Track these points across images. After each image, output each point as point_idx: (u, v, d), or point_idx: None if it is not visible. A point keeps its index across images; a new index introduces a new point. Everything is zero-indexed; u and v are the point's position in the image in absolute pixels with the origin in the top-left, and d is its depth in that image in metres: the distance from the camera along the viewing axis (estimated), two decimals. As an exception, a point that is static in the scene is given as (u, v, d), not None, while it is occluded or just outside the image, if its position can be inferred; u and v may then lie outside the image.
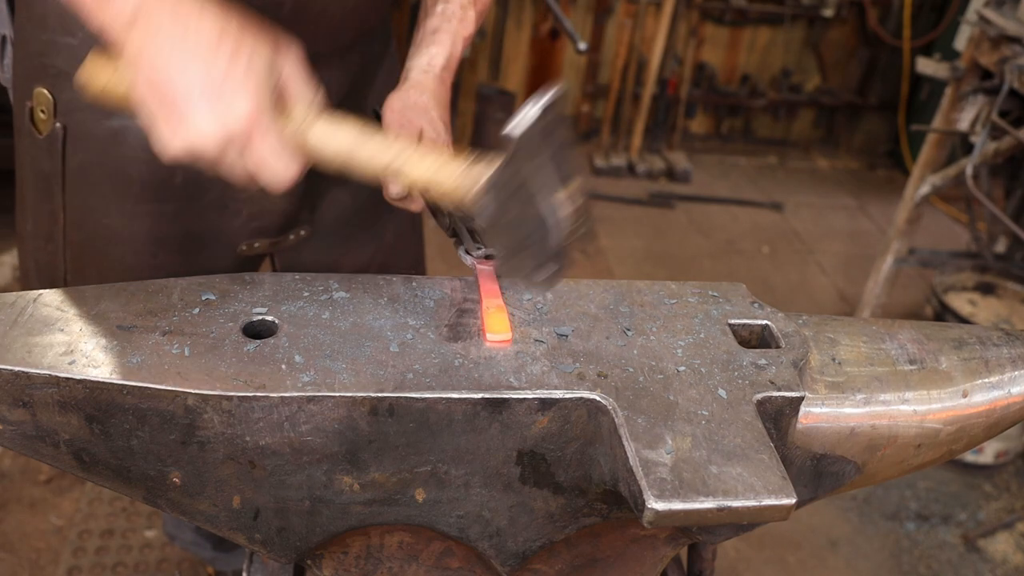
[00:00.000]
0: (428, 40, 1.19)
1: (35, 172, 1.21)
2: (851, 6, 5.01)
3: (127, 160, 1.16)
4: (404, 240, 1.49)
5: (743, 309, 0.98)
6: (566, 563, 0.98)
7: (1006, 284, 3.22)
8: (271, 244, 1.30)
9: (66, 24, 1.09)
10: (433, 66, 1.16)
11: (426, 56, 1.17)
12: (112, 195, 1.18)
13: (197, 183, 1.19)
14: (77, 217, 1.20)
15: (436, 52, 1.17)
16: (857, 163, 5.34)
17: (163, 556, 2.23)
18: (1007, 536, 2.68)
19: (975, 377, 0.97)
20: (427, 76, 1.15)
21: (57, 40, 1.11)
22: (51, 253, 1.24)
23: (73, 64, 1.07)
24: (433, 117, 1.11)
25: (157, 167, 1.15)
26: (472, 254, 0.98)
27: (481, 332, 0.88)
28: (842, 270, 4.08)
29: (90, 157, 1.16)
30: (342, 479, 0.82)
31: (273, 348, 0.82)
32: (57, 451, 0.80)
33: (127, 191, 1.18)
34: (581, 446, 0.83)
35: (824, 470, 0.93)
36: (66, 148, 1.16)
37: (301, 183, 1.25)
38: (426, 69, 1.16)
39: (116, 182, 1.17)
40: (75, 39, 1.09)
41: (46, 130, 1.16)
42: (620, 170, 4.71)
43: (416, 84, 1.14)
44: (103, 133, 1.14)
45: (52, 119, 1.15)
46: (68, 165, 1.17)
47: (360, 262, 1.43)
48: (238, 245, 1.27)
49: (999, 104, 2.63)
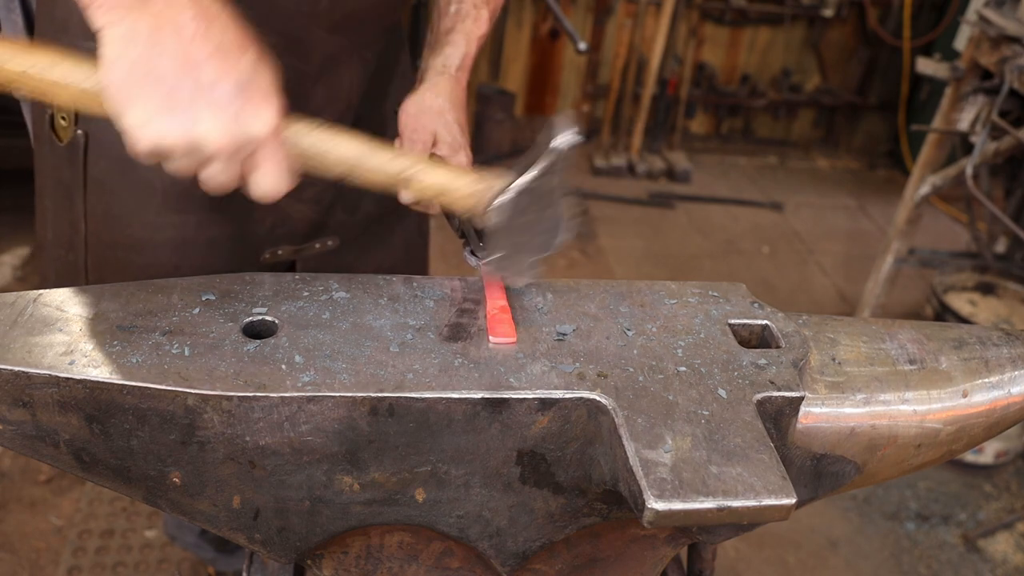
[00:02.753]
0: (442, 41, 1.19)
1: (55, 180, 1.19)
2: (851, 6, 5.01)
3: (150, 169, 1.11)
4: (413, 245, 1.50)
5: (743, 309, 0.98)
6: (566, 563, 0.98)
7: (1006, 284, 3.22)
8: (295, 251, 1.29)
9: (86, 29, 1.08)
10: (448, 67, 1.17)
11: (441, 57, 1.17)
12: (134, 204, 1.16)
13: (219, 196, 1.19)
14: (98, 226, 1.18)
15: (451, 53, 1.18)
16: (857, 163, 5.34)
17: (163, 556, 2.23)
18: (1007, 536, 2.68)
19: (975, 377, 0.97)
20: (442, 77, 1.15)
21: (79, 45, 1.08)
22: (71, 262, 1.22)
23: None
24: (448, 120, 1.12)
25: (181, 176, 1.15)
26: (478, 256, 0.98)
27: (484, 333, 0.88)
28: (842, 270, 4.08)
29: (112, 165, 1.14)
30: (342, 479, 0.82)
31: (273, 348, 0.82)
32: (57, 451, 0.80)
33: (150, 200, 1.16)
34: (581, 446, 0.83)
35: (824, 470, 0.93)
36: (87, 156, 1.14)
37: (330, 192, 1.26)
38: (441, 71, 1.16)
39: (138, 191, 1.15)
40: (95, 43, 1.09)
41: (67, 137, 1.14)
42: (620, 170, 4.71)
43: (432, 86, 1.14)
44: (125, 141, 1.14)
45: (73, 126, 1.13)
46: (90, 173, 1.15)
47: (372, 268, 1.43)
48: (262, 253, 1.25)
49: (999, 104, 2.63)
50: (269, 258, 1.26)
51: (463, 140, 1.13)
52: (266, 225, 1.24)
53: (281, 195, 0.81)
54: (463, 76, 1.18)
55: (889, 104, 5.25)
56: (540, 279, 0.99)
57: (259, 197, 0.81)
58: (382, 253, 1.43)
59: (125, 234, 1.18)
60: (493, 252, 0.96)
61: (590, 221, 4.23)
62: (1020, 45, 2.64)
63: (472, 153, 1.15)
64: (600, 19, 4.74)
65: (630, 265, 3.90)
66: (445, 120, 1.11)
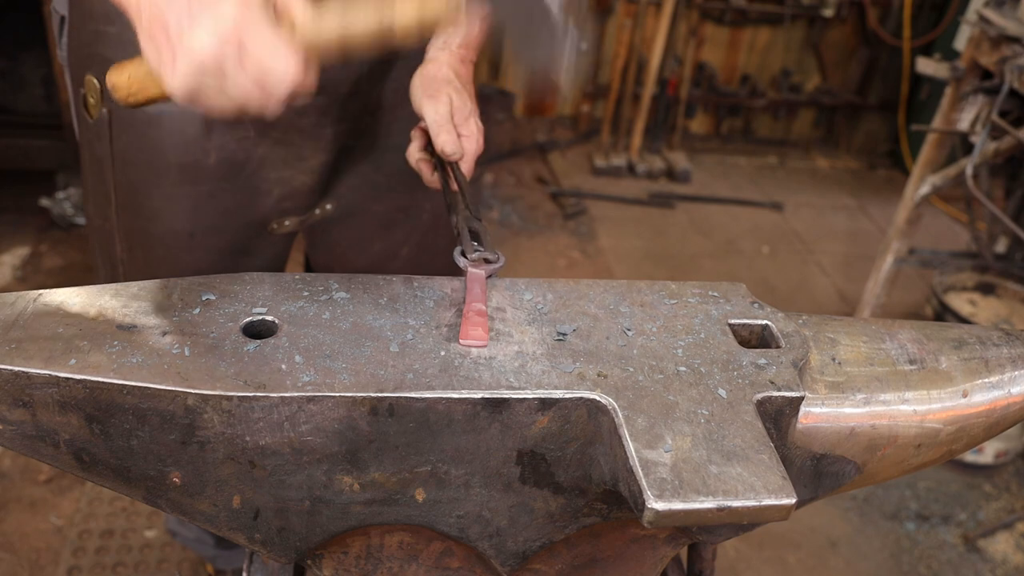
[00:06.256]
0: None
1: (91, 155, 1.31)
2: (851, 6, 5.01)
3: (164, 144, 1.24)
4: (442, 223, 1.51)
5: (743, 309, 0.98)
6: (566, 563, 0.98)
7: (1006, 284, 3.22)
8: (300, 222, 1.37)
9: (108, 13, 1.17)
10: (449, 44, 1.19)
11: (442, 36, 1.20)
12: (152, 177, 1.26)
13: (230, 163, 1.27)
14: (125, 197, 1.29)
15: (451, 31, 1.20)
16: (857, 163, 5.34)
17: (163, 556, 2.23)
18: (1007, 536, 2.68)
19: (975, 377, 0.97)
20: (443, 53, 1.18)
21: (101, 29, 1.19)
22: (107, 231, 1.35)
23: (115, 51, 1.16)
24: (458, 86, 1.14)
25: (192, 149, 1.24)
26: (467, 256, 0.98)
27: (464, 334, 0.87)
28: (842, 270, 4.08)
29: (132, 141, 1.24)
30: (342, 479, 0.82)
31: (273, 348, 0.82)
32: (57, 451, 0.80)
33: (165, 173, 1.25)
34: (581, 446, 0.83)
35: (824, 470, 0.93)
36: (112, 132, 1.24)
37: (324, 161, 1.30)
38: (441, 47, 1.19)
39: (155, 164, 1.26)
40: (115, 27, 1.17)
41: (96, 115, 1.24)
42: (620, 170, 4.71)
43: (432, 60, 1.18)
44: (142, 118, 1.22)
45: (100, 104, 1.23)
46: (115, 148, 1.25)
47: (394, 242, 1.47)
48: (269, 223, 1.34)
49: (999, 104, 2.63)
50: (276, 228, 1.35)
51: (472, 106, 1.15)
52: (273, 196, 1.32)
53: (295, 80, 0.80)
54: (466, 53, 1.20)
55: (889, 104, 5.25)
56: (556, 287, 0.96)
57: (277, 91, 0.80)
58: (406, 227, 1.47)
59: (145, 205, 1.29)
60: (484, 252, 0.97)
61: (590, 221, 4.23)
62: (1020, 45, 2.64)
63: None
64: (600, 19, 4.74)
65: (630, 265, 3.90)
66: (455, 86, 1.14)
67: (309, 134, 1.28)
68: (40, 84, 3.58)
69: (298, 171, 1.31)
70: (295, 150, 1.29)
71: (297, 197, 1.34)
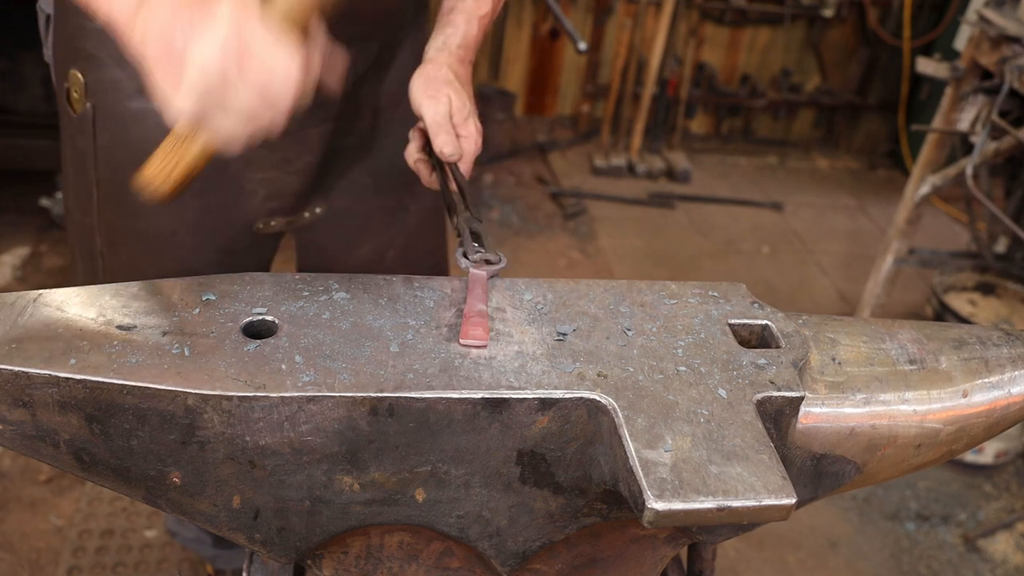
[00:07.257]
0: (443, 22, 1.23)
1: (73, 150, 1.30)
2: (851, 6, 5.01)
3: (148, 140, 1.22)
4: (427, 225, 1.53)
5: (743, 309, 0.98)
6: (566, 563, 0.98)
7: (1006, 284, 3.22)
8: (287, 223, 1.37)
9: (97, 41, 1.17)
10: (448, 45, 1.19)
11: (441, 37, 1.21)
12: (135, 172, 1.26)
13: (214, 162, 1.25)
14: (107, 192, 1.29)
15: (451, 32, 1.21)
16: (857, 163, 5.34)
17: (163, 556, 2.23)
18: (1007, 536, 2.68)
19: (975, 377, 0.97)
20: (442, 53, 1.18)
21: (85, 24, 1.19)
22: (88, 227, 1.33)
23: (98, 47, 1.17)
24: (457, 87, 1.14)
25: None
26: (469, 257, 0.98)
27: (465, 334, 0.87)
28: (842, 270, 4.08)
29: (116, 136, 1.24)
30: (342, 479, 0.82)
31: (273, 348, 0.82)
32: (57, 451, 0.80)
33: None
34: (581, 446, 0.83)
35: (824, 470, 0.93)
36: (96, 127, 1.24)
37: (310, 162, 1.30)
38: (440, 48, 1.19)
39: (138, 161, 1.26)
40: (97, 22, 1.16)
41: (79, 110, 1.24)
42: (620, 170, 4.71)
43: (431, 60, 1.18)
44: (126, 113, 1.22)
45: (84, 99, 1.23)
46: (99, 143, 1.25)
47: (380, 243, 1.46)
48: (254, 223, 1.33)
49: (999, 104, 2.63)
50: (262, 228, 1.35)
51: (472, 107, 1.15)
52: (259, 196, 1.31)
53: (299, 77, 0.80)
54: (464, 54, 1.21)
55: (889, 104, 5.25)
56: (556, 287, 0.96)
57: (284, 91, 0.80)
58: (392, 229, 1.47)
59: (128, 201, 1.26)
60: (485, 254, 0.97)
61: (590, 221, 4.23)
62: (1020, 45, 2.64)
63: None
64: (600, 19, 4.74)
65: (630, 265, 3.90)
66: (454, 87, 1.14)
67: (293, 136, 1.27)
68: (40, 84, 3.58)
69: (284, 172, 1.31)
70: (280, 152, 1.28)
71: (284, 198, 1.33)
